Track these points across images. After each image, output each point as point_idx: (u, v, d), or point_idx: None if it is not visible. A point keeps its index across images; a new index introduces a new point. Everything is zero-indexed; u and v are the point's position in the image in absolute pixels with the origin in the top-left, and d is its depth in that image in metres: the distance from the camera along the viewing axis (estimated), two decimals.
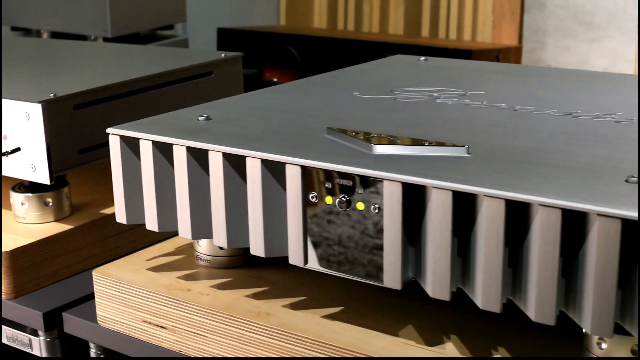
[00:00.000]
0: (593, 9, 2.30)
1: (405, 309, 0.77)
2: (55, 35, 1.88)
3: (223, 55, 1.15)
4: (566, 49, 2.37)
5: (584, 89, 0.96)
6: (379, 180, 0.66)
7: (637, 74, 2.16)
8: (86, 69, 1.17)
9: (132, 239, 1.03)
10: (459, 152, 0.71)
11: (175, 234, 0.83)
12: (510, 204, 0.62)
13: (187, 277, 0.85)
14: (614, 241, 0.58)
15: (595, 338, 0.66)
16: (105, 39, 1.81)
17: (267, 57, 2.24)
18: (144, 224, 0.81)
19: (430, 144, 0.71)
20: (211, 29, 2.51)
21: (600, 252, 0.59)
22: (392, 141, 0.72)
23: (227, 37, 2.35)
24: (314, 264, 0.72)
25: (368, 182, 0.67)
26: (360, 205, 0.68)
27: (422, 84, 0.98)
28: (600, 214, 0.58)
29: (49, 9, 1.81)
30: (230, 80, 1.15)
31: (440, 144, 0.71)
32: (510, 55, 2.09)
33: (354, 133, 0.75)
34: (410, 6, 2.55)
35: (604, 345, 0.66)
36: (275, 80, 2.10)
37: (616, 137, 0.76)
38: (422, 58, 1.14)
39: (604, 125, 0.80)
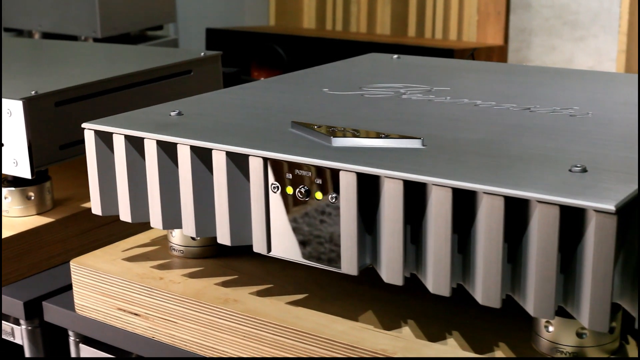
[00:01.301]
0: (578, 9, 2.34)
1: (367, 295, 0.80)
2: (46, 35, 1.92)
3: (202, 54, 1.18)
4: (552, 48, 2.40)
5: (547, 85, 1.00)
6: (336, 171, 0.70)
7: (617, 71, 2.20)
8: (68, 67, 1.20)
9: (112, 232, 1.06)
10: (414, 144, 0.74)
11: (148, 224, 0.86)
12: (458, 193, 0.65)
13: (160, 267, 0.88)
14: (553, 227, 0.61)
15: (542, 321, 0.70)
16: (95, 40, 1.84)
17: (255, 56, 2.27)
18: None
19: (387, 137, 0.75)
20: (202, 30, 2.54)
21: (540, 237, 0.62)
22: (351, 134, 0.75)
23: (216, 38, 2.39)
24: (277, 251, 0.75)
25: (325, 173, 0.71)
26: (318, 195, 0.72)
27: (391, 81, 1.01)
28: (540, 201, 0.61)
29: (40, 11, 1.84)
30: (210, 78, 1.19)
31: (396, 137, 0.74)
32: (493, 54, 2.12)
33: (316, 127, 0.78)
34: (397, 7, 2.59)
35: (550, 328, 0.69)
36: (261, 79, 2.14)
37: (568, 130, 0.79)
38: (395, 56, 1.17)
39: (559, 119, 0.83)
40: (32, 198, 1.04)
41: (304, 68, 1.12)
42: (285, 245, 0.75)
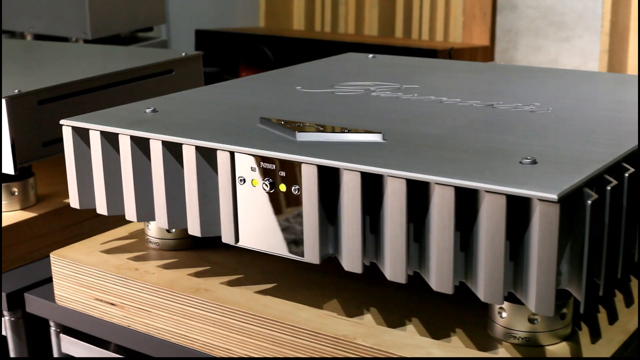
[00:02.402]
0: (563, 9, 2.37)
1: (333, 285, 0.83)
2: (38, 37, 1.95)
3: (184, 54, 1.21)
4: (537, 48, 2.43)
5: (513, 82, 1.03)
6: (298, 164, 0.73)
7: (602, 71, 2.23)
8: (52, 67, 1.23)
9: (94, 227, 1.09)
10: (375, 138, 0.77)
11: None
12: (413, 184, 0.68)
13: (136, 258, 0.91)
14: (500, 216, 0.64)
15: (496, 308, 0.72)
16: (86, 41, 1.87)
17: (243, 57, 2.30)
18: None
19: (349, 132, 0.78)
20: (194, 31, 2.57)
21: (488, 226, 0.65)
22: (315, 129, 0.79)
23: (205, 39, 2.42)
24: (244, 242, 0.78)
25: (289, 166, 0.74)
26: (282, 187, 0.75)
27: (363, 79, 1.04)
28: (487, 191, 0.64)
29: (32, 13, 1.88)
30: (191, 78, 1.22)
31: (358, 132, 0.78)
32: (477, 54, 2.15)
33: (282, 122, 0.81)
34: (384, 8, 2.62)
35: (504, 314, 0.72)
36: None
37: (526, 124, 0.83)
38: (371, 56, 1.20)
39: (519, 114, 0.86)
40: (16, 193, 1.07)
41: None
42: (252, 235, 0.78)
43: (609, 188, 0.67)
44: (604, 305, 0.78)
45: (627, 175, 0.70)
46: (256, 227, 0.77)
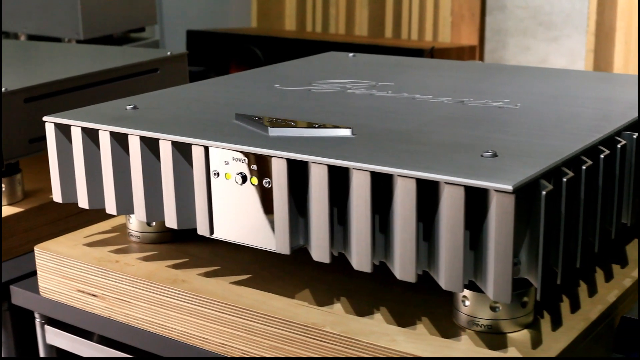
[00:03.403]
0: (551, 10, 2.40)
1: (306, 276, 0.85)
2: (31, 37, 1.98)
3: (169, 53, 1.24)
4: (526, 48, 2.46)
5: (486, 80, 1.05)
6: (269, 158, 0.75)
7: (583, 70, 2.25)
8: (40, 66, 1.26)
9: (79, 222, 1.12)
10: (344, 133, 0.79)
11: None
12: (378, 177, 0.70)
13: (117, 251, 0.94)
14: (459, 206, 0.67)
15: (460, 296, 0.75)
16: (79, 41, 1.90)
17: (234, 58, 2.33)
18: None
19: (320, 127, 0.80)
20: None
21: (448, 216, 0.67)
22: (286, 124, 0.81)
23: (196, 39, 2.45)
24: (219, 234, 0.81)
25: (260, 160, 0.76)
26: (254, 180, 0.77)
27: (341, 77, 1.07)
28: (447, 182, 0.67)
29: (25, 13, 1.90)
30: (176, 76, 1.24)
31: (328, 127, 0.80)
32: (464, 54, 2.17)
33: (256, 118, 0.84)
34: (374, 9, 2.66)
35: (467, 303, 0.74)
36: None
37: (493, 120, 0.85)
38: (351, 54, 1.22)
39: (488, 110, 0.89)
40: (3, 189, 1.10)
41: None
42: (226, 227, 0.80)
43: (565, 180, 0.69)
44: (567, 295, 0.81)
45: (584, 168, 0.73)
46: (230, 219, 0.80)
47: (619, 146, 0.79)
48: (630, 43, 2.22)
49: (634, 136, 0.82)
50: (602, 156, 0.76)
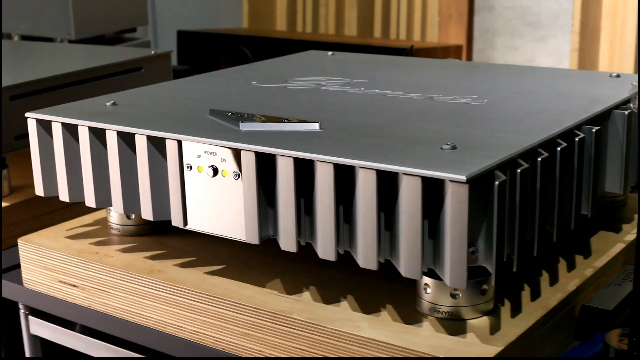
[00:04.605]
0: (539, 10, 2.43)
1: (278, 266, 0.88)
2: (24, 38, 2.01)
3: (153, 52, 1.27)
4: (514, 48, 2.49)
5: (457, 77, 1.08)
6: (238, 151, 0.78)
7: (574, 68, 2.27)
8: (26, 65, 1.29)
9: (64, 216, 1.15)
10: (312, 127, 0.82)
11: (96, 208, 0.95)
12: (342, 168, 0.73)
13: (97, 243, 0.97)
14: (417, 196, 0.70)
15: (422, 284, 0.78)
16: (70, 41, 1.93)
17: (224, 58, 2.36)
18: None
19: (289, 121, 0.83)
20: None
21: (407, 206, 0.70)
22: (258, 120, 0.84)
23: (187, 39, 2.48)
24: (192, 225, 0.84)
25: (230, 153, 0.79)
26: (225, 173, 0.80)
27: (318, 75, 1.10)
28: (405, 173, 0.70)
29: (18, 14, 1.94)
30: (160, 75, 1.27)
31: (297, 121, 0.83)
32: (450, 53, 2.21)
33: (229, 113, 0.87)
34: (362, 9, 2.69)
35: (429, 290, 0.77)
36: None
37: (458, 115, 0.88)
38: (330, 53, 1.25)
39: (455, 106, 0.92)
40: None
41: None
42: (199, 218, 0.83)
43: (519, 171, 0.72)
44: (529, 284, 0.84)
45: (540, 160, 0.76)
46: (202, 210, 0.83)
47: (577, 139, 0.82)
48: (615, 42, 2.25)
49: (593, 130, 0.84)
50: (558, 149, 0.79)
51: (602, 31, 2.27)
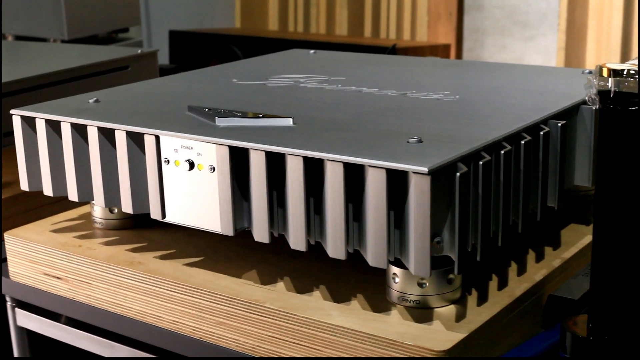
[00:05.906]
0: (527, 9, 2.46)
1: (255, 258, 0.91)
2: (18, 38, 2.04)
3: (139, 51, 1.30)
4: (503, 47, 2.52)
5: (431, 74, 1.11)
6: (213, 145, 0.81)
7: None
8: (16, 64, 1.32)
9: (53, 211, 1.17)
10: (286, 122, 0.85)
11: (81, 203, 0.98)
12: (312, 161, 0.76)
13: (81, 237, 0.99)
14: (381, 187, 0.72)
15: (391, 274, 0.80)
16: (63, 42, 1.96)
17: (215, 57, 2.39)
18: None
19: (264, 117, 0.86)
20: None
21: (372, 197, 0.73)
22: (233, 115, 0.87)
23: (179, 39, 2.51)
24: (170, 217, 0.87)
25: (206, 148, 0.82)
26: (200, 167, 0.83)
27: (298, 72, 1.13)
28: (370, 166, 0.72)
29: (11, 14, 1.97)
30: (146, 73, 1.30)
31: (271, 117, 0.86)
32: (437, 52, 2.23)
33: (207, 109, 0.89)
34: (353, 8, 2.73)
35: (397, 280, 0.80)
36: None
37: (428, 110, 0.91)
38: (312, 51, 1.28)
39: (426, 102, 0.94)
40: None
41: None
42: (176, 211, 0.86)
43: (481, 163, 0.75)
44: (497, 274, 0.86)
45: (503, 152, 0.78)
46: (180, 203, 0.85)
47: (542, 133, 0.85)
48: (601, 41, 2.28)
49: (559, 124, 0.87)
50: (522, 142, 0.81)
51: (589, 30, 2.30)
